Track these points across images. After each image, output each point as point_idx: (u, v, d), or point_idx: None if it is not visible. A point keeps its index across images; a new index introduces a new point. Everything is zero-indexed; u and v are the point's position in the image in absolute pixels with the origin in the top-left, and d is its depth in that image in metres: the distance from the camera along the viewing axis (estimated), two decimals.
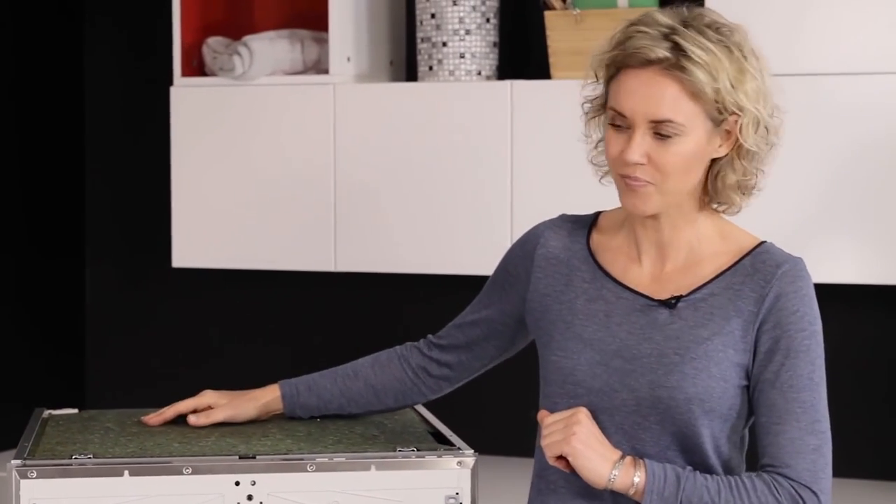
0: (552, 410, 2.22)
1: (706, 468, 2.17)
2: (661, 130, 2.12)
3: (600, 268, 2.27)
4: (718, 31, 2.13)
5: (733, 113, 2.13)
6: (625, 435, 2.18)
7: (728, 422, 2.17)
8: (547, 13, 3.64)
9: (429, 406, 2.61)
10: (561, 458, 2.15)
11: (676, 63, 2.10)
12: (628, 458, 2.13)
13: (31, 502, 2.12)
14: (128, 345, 4.41)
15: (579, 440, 2.12)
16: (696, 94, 2.10)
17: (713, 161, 2.18)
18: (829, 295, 3.57)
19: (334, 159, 3.79)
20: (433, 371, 2.46)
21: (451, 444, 2.27)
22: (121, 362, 4.42)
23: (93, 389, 4.44)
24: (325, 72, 3.86)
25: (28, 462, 2.14)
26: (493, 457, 2.41)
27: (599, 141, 2.25)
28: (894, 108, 3.32)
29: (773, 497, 2.10)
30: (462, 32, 3.75)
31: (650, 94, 2.11)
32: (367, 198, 3.76)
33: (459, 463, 2.20)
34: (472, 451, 2.22)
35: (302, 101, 3.82)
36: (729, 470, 2.20)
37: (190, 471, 2.16)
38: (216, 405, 2.44)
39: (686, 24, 2.12)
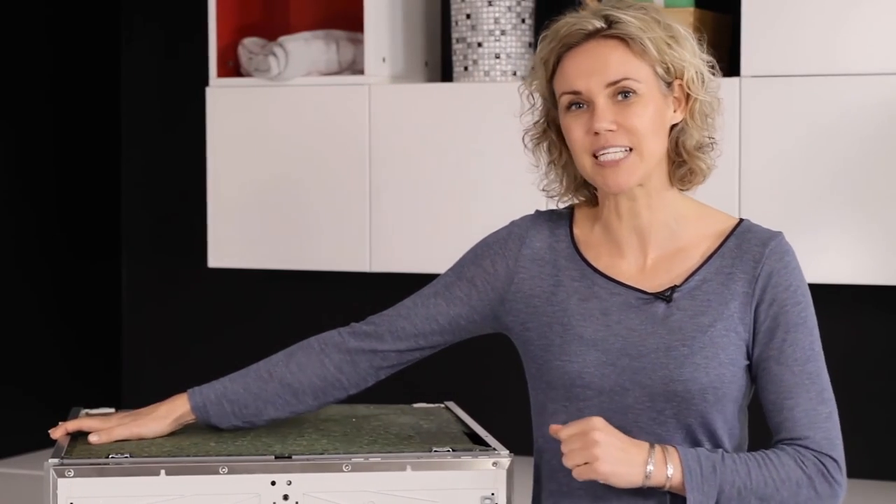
0: (559, 415, 2.21)
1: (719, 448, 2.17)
2: (622, 89, 2.15)
3: (588, 264, 2.25)
4: (642, 9, 2.18)
5: (677, 77, 2.18)
6: (641, 430, 2.17)
7: (737, 403, 2.19)
8: None
9: (464, 406, 2.60)
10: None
11: (612, 30, 2.16)
12: (657, 454, 2.11)
13: (69, 501, 2.13)
14: (163, 345, 4.43)
15: (605, 462, 2.08)
16: (640, 53, 2.15)
17: (672, 129, 2.21)
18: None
19: (369, 160, 3.79)
20: (362, 363, 2.33)
21: (487, 445, 2.26)
22: (156, 362, 4.43)
23: (129, 389, 4.46)
24: (361, 72, 3.86)
25: (65, 461, 2.15)
26: (529, 457, 2.41)
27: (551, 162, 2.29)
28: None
29: (799, 469, 2.12)
30: (497, 33, 3.75)
31: (599, 61, 2.16)
32: (403, 198, 3.76)
33: (495, 464, 2.20)
34: (507, 451, 2.22)
35: (337, 102, 3.82)
36: (738, 447, 2.21)
37: (226, 470, 2.16)
38: (120, 424, 2.31)
39: (609, 7, 2.19)
